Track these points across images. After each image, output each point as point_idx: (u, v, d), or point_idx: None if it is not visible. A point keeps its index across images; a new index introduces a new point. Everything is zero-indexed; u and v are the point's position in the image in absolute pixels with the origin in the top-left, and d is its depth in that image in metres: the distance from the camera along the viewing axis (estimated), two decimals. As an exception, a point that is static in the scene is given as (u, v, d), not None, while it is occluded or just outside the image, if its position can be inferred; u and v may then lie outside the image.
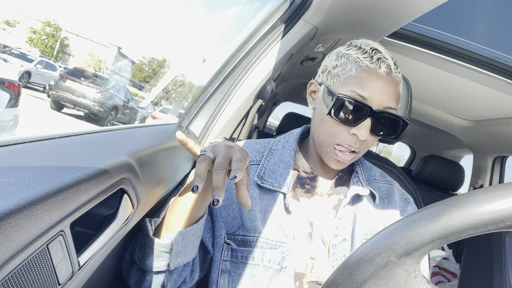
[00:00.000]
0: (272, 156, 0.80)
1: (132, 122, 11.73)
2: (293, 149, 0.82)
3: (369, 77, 0.70)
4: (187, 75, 2.04)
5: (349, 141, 0.71)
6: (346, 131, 0.71)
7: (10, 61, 12.28)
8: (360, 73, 0.71)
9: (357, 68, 0.71)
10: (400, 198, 0.85)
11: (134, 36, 76.61)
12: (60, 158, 0.41)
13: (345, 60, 0.73)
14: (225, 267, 0.73)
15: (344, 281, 0.39)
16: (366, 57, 0.72)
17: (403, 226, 0.37)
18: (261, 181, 0.75)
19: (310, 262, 0.73)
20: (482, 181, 2.30)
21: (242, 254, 0.72)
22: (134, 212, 0.54)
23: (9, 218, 0.27)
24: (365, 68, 0.71)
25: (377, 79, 0.70)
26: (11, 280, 0.28)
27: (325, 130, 0.74)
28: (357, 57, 0.72)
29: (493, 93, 1.36)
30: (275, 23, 1.08)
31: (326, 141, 0.74)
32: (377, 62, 0.71)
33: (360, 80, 0.70)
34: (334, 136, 0.72)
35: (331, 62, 0.76)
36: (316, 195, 0.80)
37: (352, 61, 0.72)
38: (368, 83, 0.70)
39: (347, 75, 0.72)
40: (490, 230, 0.33)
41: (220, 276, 0.73)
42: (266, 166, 0.78)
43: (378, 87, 0.70)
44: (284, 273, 0.71)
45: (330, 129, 0.73)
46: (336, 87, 0.73)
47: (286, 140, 0.84)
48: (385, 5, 1.00)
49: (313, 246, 0.74)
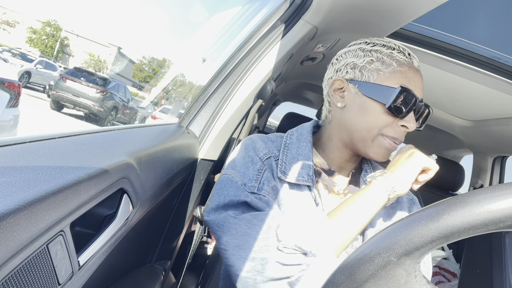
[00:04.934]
0: (288, 150, 0.79)
1: (132, 122, 11.73)
2: (309, 141, 0.81)
3: (409, 72, 0.73)
4: (187, 75, 2.04)
5: (397, 133, 0.73)
6: (395, 122, 0.73)
7: (10, 61, 12.27)
8: (402, 67, 0.73)
9: (397, 62, 0.73)
10: (407, 198, 0.86)
11: (134, 36, 76.60)
12: (60, 158, 0.41)
13: (379, 55, 0.74)
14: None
15: (344, 281, 0.39)
16: (399, 53, 0.74)
17: (403, 226, 0.37)
18: (284, 176, 0.74)
19: None
20: (482, 181, 2.30)
21: None
22: (134, 212, 0.54)
23: (9, 218, 0.27)
24: (404, 62, 0.73)
25: (416, 73, 0.74)
26: (11, 280, 0.28)
27: (370, 124, 0.73)
28: (390, 52, 0.74)
29: (493, 93, 1.36)
30: (275, 23, 1.08)
31: (372, 133, 0.74)
32: (409, 56, 0.74)
33: (404, 74, 0.72)
34: (383, 128, 0.73)
35: (359, 58, 0.76)
36: (333, 193, 0.79)
37: (388, 56, 0.74)
38: (410, 76, 0.72)
39: (389, 69, 0.73)
40: (490, 230, 0.33)
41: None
42: (286, 160, 0.77)
43: (418, 80, 0.73)
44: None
45: (379, 121, 0.73)
46: (380, 81, 0.73)
47: (300, 133, 0.83)
48: (385, 5, 1.00)
49: None
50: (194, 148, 0.95)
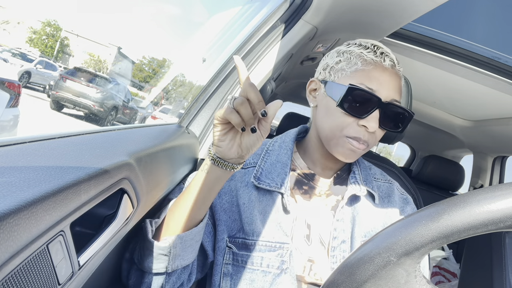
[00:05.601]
0: (268, 156, 0.80)
1: (132, 122, 11.73)
2: (289, 148, 0.81)
3: (375, 70, 0.71)
4: (187, 75, 2.04)
5: (358, 133, 0.71)
6: (355, 122, 0.71)
7: (10, 61, 12.27)
8: (366, 66, 0.71)
9: (362, 61, 0.72)
10: (400, 198, 0.85)
11: (134, 36, 76.57)
12: (60, 158, 0.41)
13: (348, 55, 0.74)
14: (227, 271, 0.73)
15: (344, 281, 0.39)
16: (370, 52, 0.73)
17: (403, 226, 0.37)
18: (258, 182, 0.75)
19: (308, 264, 0.73)
20: (482, 181, 2.30)
21: (242, 258, 0.72)
22: (134, 212, 0.54)
23: (9, 218, 0.27)
24: (371, 61, 0.71)
25: (383, 71, 0.71)
26: (11, 280, 0.28)
27: (332, 123, 0.73)
28: (361, 52, 0.73)
29: (493, 93, 1.36)
30: (275, 23, 1.08)
31: (335, 133, 0.73)
32: (381, 55, 0.72)
33: (367, 73, 0.70)
34: (343, 128, 0.72)
35: (332, 59, 0.76)
36: (315, 195, 0.79)
37: (356, 56, 0.73)
38: (375, 75, 0.70)
39: (352, 68, 0.72)
40: (490, 230, 0.33)
41: (222, 279, 0.72)
42: (263, 167, 0.78)
43: (385, 79, 0.70)
44: (285, 274, 0.71)
45: (338, 121, 0.72)
46: (342, 80, 0.73)
47: (283, 140, 0.84)
48: (385, 5, 1.00)
49: (311, 248, 0.74)
50: (194, 148, 0.95)
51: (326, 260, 0.74)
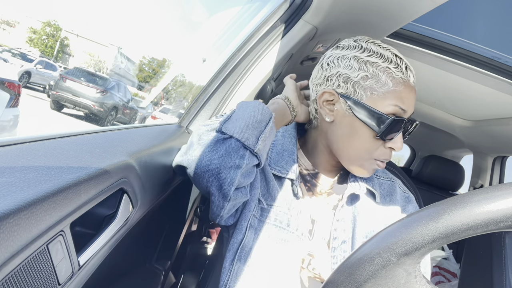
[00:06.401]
0: (274, 147, 0.81)
1: (132, 122, 11.73)
2: (293, 136, 0.82)
3: (405, 90, 0.70)
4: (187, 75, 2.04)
5: (386, 155, 0.73)
6: (383, 145, 0.72)
7: (10, 61, 12.27)
8: (398, 87, 0.69)
9: (392, 80, 0.69)
10: (402, 196, 0.85)
11: (134, 36, 76.57)
12: (60, 158, 0.41)
13: (375, 70, 0.69)
14: (253, 223, 0.74)
15: (344, 281, 0.39)
16: (396, 67, 0.70)
17: (403, 226, 0.37)
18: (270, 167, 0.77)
19: (307, 258, 0.74)
20: (482, 181, 2.30)
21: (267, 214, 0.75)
22: (134, 212, 0.54)
23: (9, 218, 0.27)
24: (400, 81, 0.69)
25: (411, 91, 0.71)
26: (11, 280, 0.28)
27: (359, 146, 0.72)
28: (387, 67, 0.69)
29: (493, 93, 1.36)
30: (275, 23, 1.08)
31: (361, 155, 0.73)
32: (406, 72, 0.70)
33: (399, 94, 0.69)
34: (372, 152, 0.72)
35: (353, 71, 0.71)
36: (317, 194, 0.79)
37: (383, 72, 0.69)
38: (406, 96, 0.70)
39: (384, 88, 0.69)
40: (490, 230, 0.33)
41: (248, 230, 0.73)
42: (271, 156, 0.79)
43: (412, 98, 0.71)
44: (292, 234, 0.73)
45: (367, 145, 0.71)
46: (372, 102, 0.69)
47: (285, 129, 0.84)
48: (385, 5, 1.00)
49: (312, 243, 0.74)
50: (194, 148, 0.94)
51: (326, 257, 0.74)
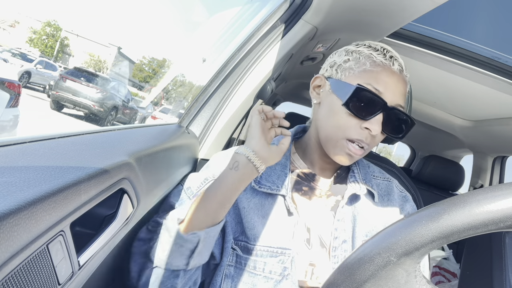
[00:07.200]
0: None
1: (132, 122, 11.73)
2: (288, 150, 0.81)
3: (383, 72, 0.70)
4: (187, 75, 2.03)
5: (360, 135, 0.70)
6: (358, 125, 0.70)
7: (10, 61, 12.27)
8: (375, 68, 0.71)
9: (371, 62, 0.71)
10: (399, 195, 0.85)
11: (134, 36, 76.58)
12: (60, 158, 0.41)
13: (357, 55, 0.73)
14: (229, 272, 0.72)
15: (344, 281, 0.39)
16: (379, 54, 0.72)
17: (403, 226, 0.37)
18: (258, 185, 0.74)
19: (309, 268, 0.73)
20: (482, 181, 2.30)
21: (245, 261, 0.72)
22: (134, 212, 0.54)
23: (9, 218, 0.27)
24: (380, 63, 0.71)
25: (391, 75, 0.71)
26: (11, 280, 0.28)
27: (335, 123, 0.72)
28: (370, 53, 0.73)
29: (493, 93, 1.36)
30: (275, 23, 1.08)
31: (336, 134, 0.72)
32: (390, 59, 0.72)
33: (375, 74, 0.70)
34: (346, 130, 0.71)
35: (340, 57, 0.76)
36: (315, 196, 0.79)
37: (365, 56, 0.73)
38: (382, 78, 0.70)
39: (361, 68, 0.72)
40: (490, 230, 0.33)
41: (223, 280, 0.72)
42: None
43: (392, 83, 0.70)
44: (286, 280, 0.70)
45: (341, 121, 0.71)
46: (349, 79, 0.72)
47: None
48: (385, 5, 1.00)
49: (311, 252, 0.73)
50: (194, 148, 0.95)
51: (328, 263, 0.73)
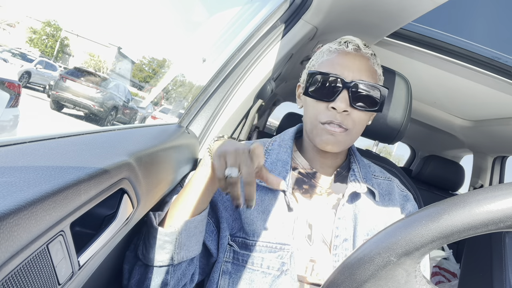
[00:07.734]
0: (268, 155, 0.81)
1: (132, 122, 11.73)
2: (289, 146, 0.82)
3: (338, 57, 0.75)
4: (187, 75, 2.04)
5: (329, 117, 0.72)
6: (326, 107, 0.73)
7: (10, 61, 12.28)
8: (330, 56, 0.76)
9: (328, 53, 0.77)
10: (400, 195, 0.85)
11: (134, 36, 76.62)
12: (60, 158, 0.41)
13: (319, 52, 0.80)
14: (226, 269, 0.73)
15: (344, 281, 0.39)
16: (335, 43, 0.78)
17: (403, 226, 0.37)
18: (259, 180, 0.75)
19: (310, 264, 0.73)
20: (482, 181, 2.30)
21: (243, 257, 0.72)
22: (134, 212, 0.54)
23: (9, 218, 0.27)
24: (334, 50, 0.76)
25: (346, 55, 0.74)
26: (11, 280, 0.28)
27: (309, 115, 0.76)
28: (328, 46, 0.78)
29: (493, 93, 1.36)
30: (275, 23, 1.08)
31: (313, 123, 0.75)
32: (344, 43, 0.76)
33: (331, 61, 0.75)
34: (317, 116, 0.74)
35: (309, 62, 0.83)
36: (316, 194, 0.79)
37: (323, 50, 0.79)
38: (338, 61, 0.74)
39: (319, 61, 0.77)
40: (490, 230, 0.33)
41: (220, 277, 0.72)
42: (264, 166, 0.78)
43: (348, 62, 0.74)
44: (285, 276, 0.71)
45: (312, 111, 0.75)
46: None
47: (282, 139, 0.85)
48: (385, 5, 1.00)
49: (312, 248, 0.74)
50: (194, 148, 0.95)
51: (328, 260, 0.74)
